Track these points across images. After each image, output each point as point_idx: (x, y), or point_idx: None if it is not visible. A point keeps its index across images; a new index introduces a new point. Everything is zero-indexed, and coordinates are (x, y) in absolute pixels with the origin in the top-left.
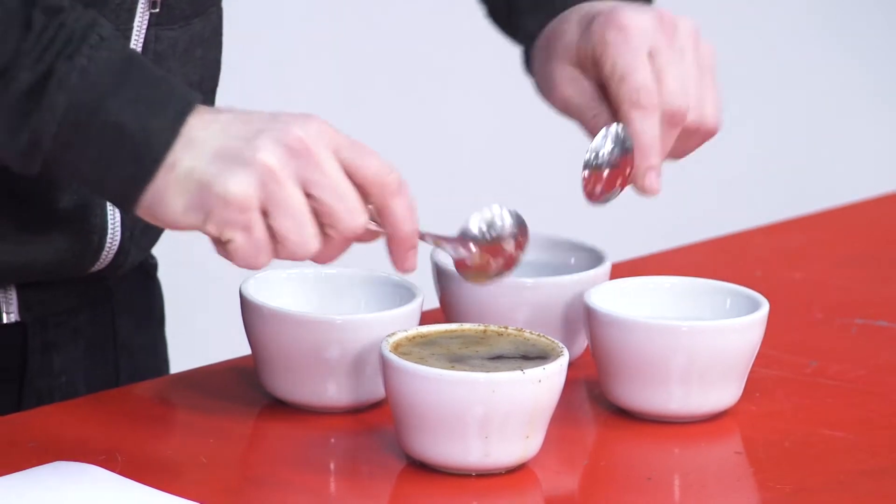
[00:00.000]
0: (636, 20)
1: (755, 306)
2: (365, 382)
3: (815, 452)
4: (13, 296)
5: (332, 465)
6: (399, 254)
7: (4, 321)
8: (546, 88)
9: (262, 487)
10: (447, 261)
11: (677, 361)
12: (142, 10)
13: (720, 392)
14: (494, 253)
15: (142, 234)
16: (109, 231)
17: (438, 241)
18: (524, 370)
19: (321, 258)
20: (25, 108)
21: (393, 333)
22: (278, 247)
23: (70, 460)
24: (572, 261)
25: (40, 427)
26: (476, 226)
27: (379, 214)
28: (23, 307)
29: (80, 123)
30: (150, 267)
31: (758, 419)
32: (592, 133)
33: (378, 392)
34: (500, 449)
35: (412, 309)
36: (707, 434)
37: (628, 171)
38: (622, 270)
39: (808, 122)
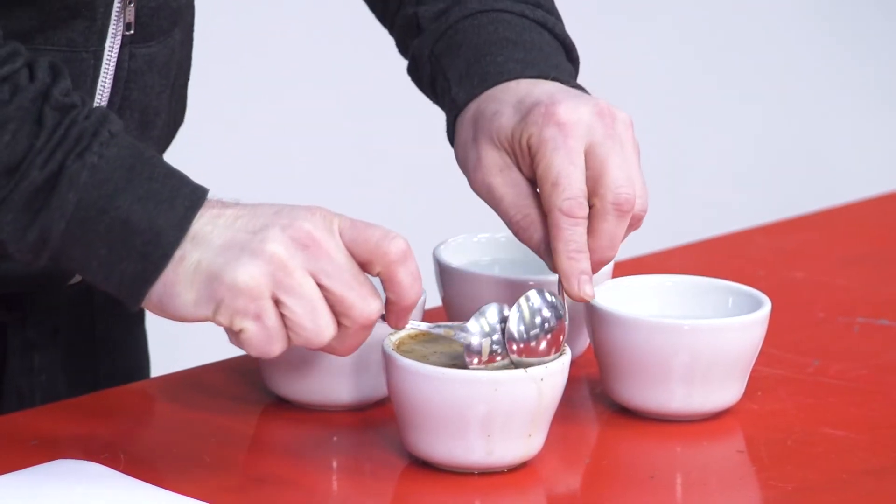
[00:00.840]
0: (575, 115)
1: (757, 305)
2: (367, 381)
3: (817, 451)
4: None
5: (334, 464)
6: (400, 317)
7: None
8: (469, 167)
9: (264, 486)
10: (449, 259)
11: (679, 360)
12: (113, 32)
13: (722, 391)
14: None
15: None
16: None
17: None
18: (526, 369)
19: (341, 350)
20: (35, 205)
21: (395, 332)
22: (292, 335)
23: (73, 458)
24: None
25: (43, 425)
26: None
27: (384, 283)
28: (3, 308)
29: (89, 220)
30: None
31: (760, 418)
32: (516, 232)
33: (381, 390)
34: (503, 447)
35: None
36: (709, 433)
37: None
38: (624, 269)
39: (810, 121)
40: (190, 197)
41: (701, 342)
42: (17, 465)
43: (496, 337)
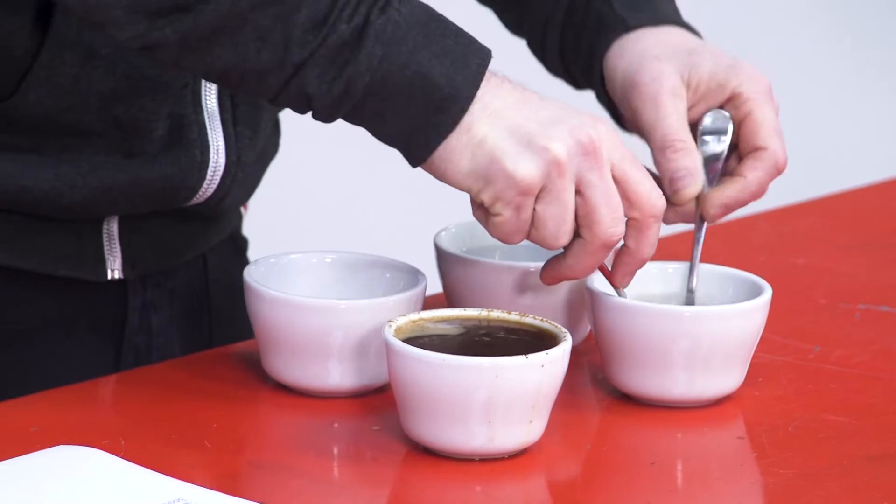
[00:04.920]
0: (762, 77)
1: (758, 291)
2: (368, 367)
3: (818, 437)
4: (117, 252)
5: (335, 450)
6: (626, 272)
7: (108, 277)
8: (641, 78)
9: (265, 472)
10: (449, 246)
11: (680, 346)
12: None
13: (723, 377)
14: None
15: (246, 164)
16: (212, 147)
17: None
18: (527, 355)
19: (576, 269)
20: (342, 58)
21: (396, 318)
22: (534, 231)
23: (73, 444)
24: None
25: (43, 412)
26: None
27: (631, 232)
28: (126, 264)
29: (392, 75)
30: (241, 242)
31: (761, 404)
32: (662, 152)
33: (382, 377)
34: (504, 434)
35: (415, 294)
36: (710, 419)
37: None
38: None
39: (811, 107)
40: (478, 54)
41: (702, 329)
42: (18, 451)
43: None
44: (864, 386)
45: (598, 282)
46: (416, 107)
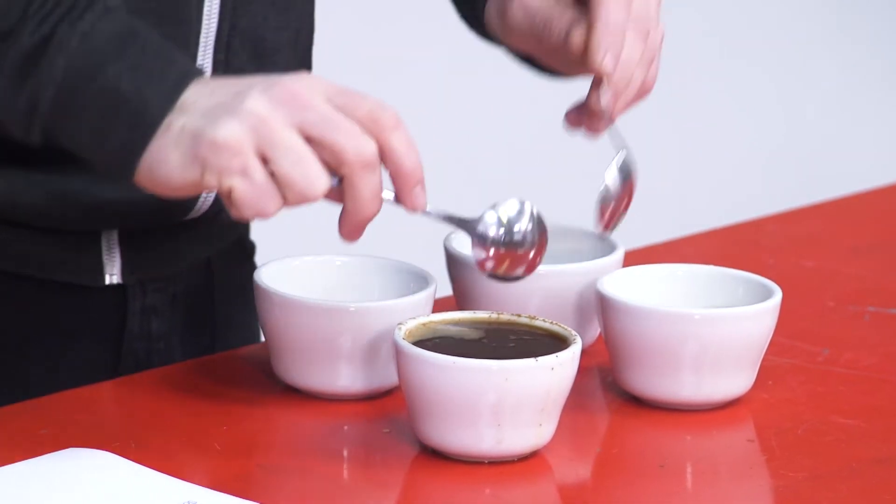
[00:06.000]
0: None
1: (767, 294)
2: (378, 370)
3: (828, 440)
4: (116, 257)
5: (345, 453)
6: (406, 191)
7: (107, 282)
8: (504, 13)
9: (275, 474)
10: (460, 249)
11: (689, 349)
12: None
13: (732, 380)
14: (513, 257)
15: None
16: None
17: (450, 221)
18: (537, 358)
19: (357, 208)
20: (25, 70)
21: (406, 321)
22: (286, 191)
23: (83, 447)
24: (585, 249)
25: (53, 414)
26: (494, 226)
27: (381, 153)
28: (126, 270)
29: (78, 88)
30: (248, 247)
31: (770, 407)
32: (551, 31)
33: (391, 379)
34: (513, 436)
35: (425, 296)
36: (719, 422)
37: (629, 197)
38: (635, 258)
39: (820, 109)
40: (181, 71)
41: (711, 331)
42: (28, 454)
43: (515, 229)
44: (874, 388)
45: (609, 285)
46: (108, 122)
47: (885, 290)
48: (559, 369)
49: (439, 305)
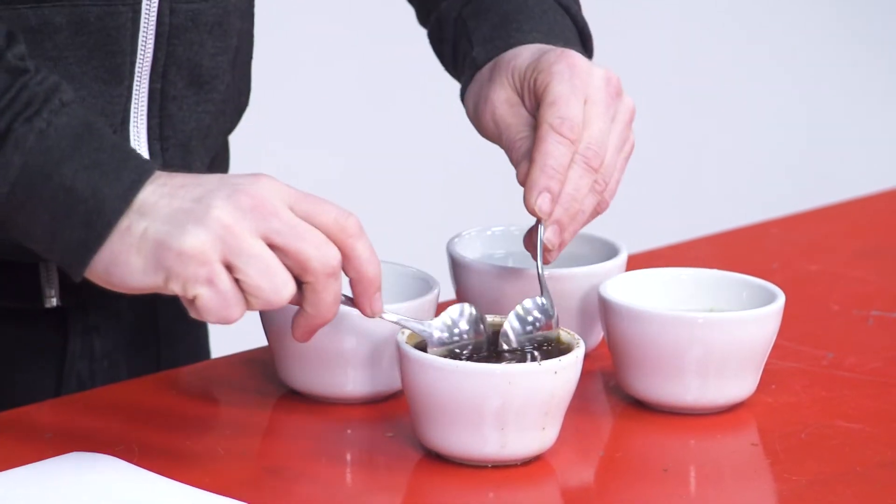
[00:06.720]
0: (587, 66)
1: (771, 298)
2: (381, 374)
3: (832, 444)
4: (55, 282)
5: (348, 457)
6: (367, 297)
7: (46, 305)
8: (480, 105)
9: (278, 478)
10: (463, 252)
11: (693, 353)
12: None
13: (736, 384)
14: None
15: None
16: None
17: (405, 325)
18: (540, 362)
19: (318, 313)
20: None
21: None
22: (251, 299)
23: (87, 451)
24: (588, 253)
25: (57, 418)
26: (438, 332)
27: (343, 260)
28: (64, 291)
29: (34, 186)
30: None
31: (774, 411)
32: (510, 153)
33: (395, 383)
34: (517, 440)
35: (429, 300)
36: (723, 426)
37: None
38: (638, 262)
39: (825, 114)
40: (137, 169)
41: (715, 335)
42: (32, 457)
43: (456, 331)
44: (878, 392)
45: (612, 289)
46: (62, 221)
47: (890, 295)
48: (562, 373)
49: (443, 309)
